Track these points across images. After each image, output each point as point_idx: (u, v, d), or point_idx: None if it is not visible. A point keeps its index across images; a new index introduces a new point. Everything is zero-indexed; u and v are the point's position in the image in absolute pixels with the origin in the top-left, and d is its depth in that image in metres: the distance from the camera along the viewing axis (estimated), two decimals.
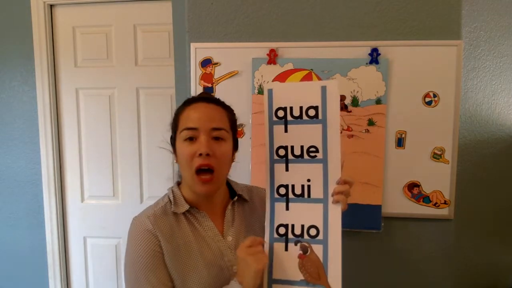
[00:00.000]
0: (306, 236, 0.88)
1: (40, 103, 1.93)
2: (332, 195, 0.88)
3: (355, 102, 1.46)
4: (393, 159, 1.48)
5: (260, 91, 1.50)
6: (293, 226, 0.90)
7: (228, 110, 0.95)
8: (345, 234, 1.17)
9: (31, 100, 1.94)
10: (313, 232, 0.89)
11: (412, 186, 1.49)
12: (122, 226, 1.99)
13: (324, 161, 0.88)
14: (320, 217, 0.88)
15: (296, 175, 0.90)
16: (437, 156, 1.47)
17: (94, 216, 2.01)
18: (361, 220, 1.48)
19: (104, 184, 1.99)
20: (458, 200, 1.49)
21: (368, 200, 1.48)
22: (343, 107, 1.47)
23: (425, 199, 1.49)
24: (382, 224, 1.48)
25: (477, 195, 1.57)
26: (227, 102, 0.97)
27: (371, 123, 1.46)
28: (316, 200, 0.89)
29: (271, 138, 0.91)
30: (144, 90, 1.92)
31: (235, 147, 0.96)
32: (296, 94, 0.90)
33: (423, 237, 1.52)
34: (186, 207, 0.91)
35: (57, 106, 1.97)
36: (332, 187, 0.88)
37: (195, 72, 1.52)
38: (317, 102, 0.88)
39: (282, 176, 0.91)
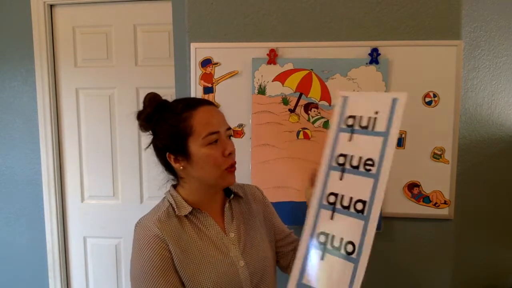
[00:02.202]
0: (342, 251, 0.87)
1: (40, 103, 1.93)
2: None
3: None
4: (393, 159, 1.48)
5: (260, 91, 1.50)
6: (333, 237, 0.88)
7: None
8: None
9: (31, 100, 1.94)
10: (349, 248, 0.87)
11: (412, 186, 1.49)
12: (122, 226, 1.99)
13: (376, 176, 0.87)
14: (359, 234, 0.87)
15: (348, 186, 0.89)
16: (437, 156, 1.47)
17: (94, 216, 2.01)
18: None
19: (104, 184, 1.99)
20: (458, 200, 1.49)
21: None
22: None
23: (425, 199, 1.49)
24: (382, 224, 1.48)
25: (477, 195, 1.57)
26: (227, 102, 0.99)
27: None
28: (360, 216, 0.87)
29: (335, 144, 0.91)
30: (144, 90, 1.92)
31: None
32: (368, 103, 0.90)
33: (423, 237, 1.52)
34: (189, 209, 0.93)
35: (57, 106, 1.97)
36: (377, 205, 0.86)
37: (195, 72, 1.52)
38: (386, 113, 0.88)
39: (336, 184, 0.90)
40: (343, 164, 0.90)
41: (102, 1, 1.87)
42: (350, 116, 0.90)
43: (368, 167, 0.88)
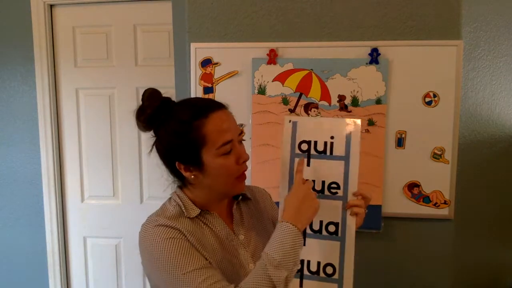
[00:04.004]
0: (322, 274, 0.87)
1: (40, 103, 1.93)
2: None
3: (355, 102, 1.46)
4: (393, 159, 1.48)
5: (260, 91, 1.50)
6: (308, 262, 0.88)
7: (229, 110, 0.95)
8: None
9: (31, 100, 1.94)
10: (329, 270, 0.87)
11: (412, 186, 1.49)
12: (122, 226, 1.99)
13: (344, 198, 0.88)
14: (337, 255, 0.87)
15: None
16: (437, 156, 1.47)
17: (94, 216, 2.01)
18: None
19: (104, 184, 1.99)
20: (458, 200, 1.49)
21: None
22: (343, 107, 1.47)
23: (425, 199, 1.49)
24: (382, 224, 1.48)
25: (477, 195, 1.57)
26: (227, 102, 0.97)
27: (371, 123, 1.46)
28: (334, 238, 0.88)
29: (292, 171, 0.90)
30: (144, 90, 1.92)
31: None
32: (320, 128, 0.90)
33: (423, 237, 1.52)
34: (198, 211, 0.90)
35: (57, 106, 1.97)
36: (351, 224, 0.87)
37: (195, 72, 1.52)
38: (342, 138, 0.88)
39: None
40: None
41: (102, 1, 1.87)
42: (303, 141, 0.90)
43: (333, 190, 0.89)
